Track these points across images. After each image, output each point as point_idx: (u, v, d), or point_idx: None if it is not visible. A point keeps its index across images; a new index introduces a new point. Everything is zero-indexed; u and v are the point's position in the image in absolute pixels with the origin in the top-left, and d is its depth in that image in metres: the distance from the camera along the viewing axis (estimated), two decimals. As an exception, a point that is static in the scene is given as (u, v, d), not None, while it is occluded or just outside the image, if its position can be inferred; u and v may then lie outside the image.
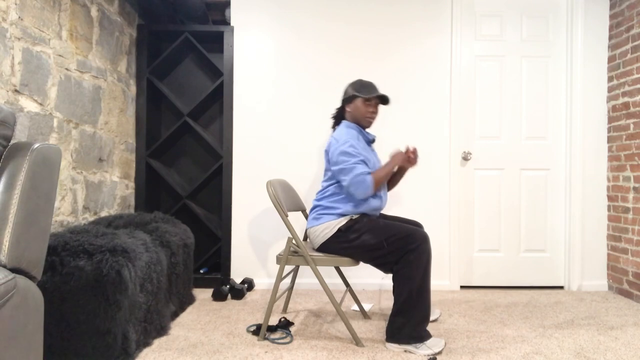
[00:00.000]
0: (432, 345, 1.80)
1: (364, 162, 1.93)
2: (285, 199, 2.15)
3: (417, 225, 2.17)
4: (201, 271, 2.93)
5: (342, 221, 1.94)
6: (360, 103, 2.02)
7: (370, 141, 2.10)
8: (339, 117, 2.15)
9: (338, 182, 1.99)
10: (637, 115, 2.64)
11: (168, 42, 3.09)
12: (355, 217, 1.96)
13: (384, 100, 2.07)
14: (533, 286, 2.96)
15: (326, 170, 2.05)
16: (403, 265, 1.82)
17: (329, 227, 1.95)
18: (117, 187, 2.65)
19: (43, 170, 1.19)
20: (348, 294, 2.76)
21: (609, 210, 2.89)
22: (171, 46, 2.85)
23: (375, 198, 2.00)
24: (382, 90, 2.89)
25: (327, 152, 2.02)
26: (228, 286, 2.63)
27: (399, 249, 1.83)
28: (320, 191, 2.06)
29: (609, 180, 2.89)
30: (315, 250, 2.03)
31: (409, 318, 1.80)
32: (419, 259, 1.81)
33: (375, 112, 2.05)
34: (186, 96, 3.08)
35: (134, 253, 1.72)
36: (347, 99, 2.06)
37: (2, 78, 1.67)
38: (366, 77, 2.89)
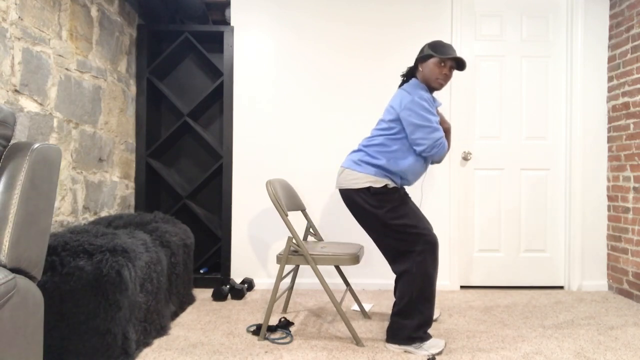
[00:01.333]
0: (432, 347, 1.80)
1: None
2: (285, 199, 2.15)
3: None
4: (201, 271, 2.93)
5: (377, 182, 1.87)
6: (434, 63, 1.89)
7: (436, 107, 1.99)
8: (409, 75, 2.03)
9: (392, 134, 1.89)
10: (637, 115, 2.64)
11: (168, 42, 3.09)
12: (391, 186, 1.89)
13: (460, 65, 1.92)
14: (533, 286, 2.96)
15: (381, 120, 1.96)
16: (409, 267, 1.80)
17: (362, 179, 1.88)
18: (117, 187, 2.65)
19: (43, 170, 1.19)
20: (348, 293, 2.76)
21: (609, 210, 2.89)
22: (171, 46, 2.85)
23: (424, 163, 1.94)
24: (382, 88, 2.89)
25: (394, 103, 1.90)
26: (228, 286, 2.63)
27: (409, 243, 1.81)
28: (368, 138, 1.96)
29: (609, 180, 2.89)
30: (339, 191, 1.96)
31: (411, 320, 1.80)
32: (425, 263, 1.79)
33: (448, 76, 1.93)
34: (186, 96, 3.08)
35: (134, 253, 1.72)
36: (422, 58, 1.92)
37: (2, 78, 1.67)
38: (366, 77, 2.89)
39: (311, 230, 2.42)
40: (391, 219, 1.83)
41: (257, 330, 2.02)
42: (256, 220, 2.89)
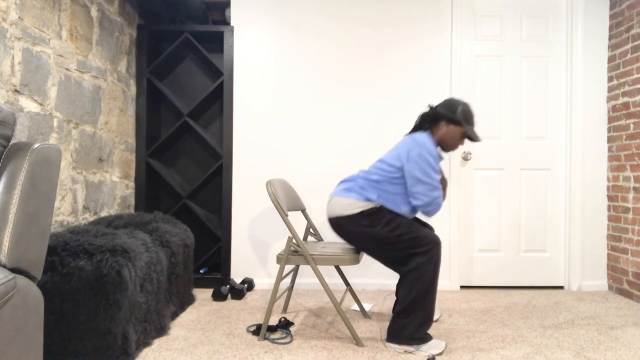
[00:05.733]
0: (432, 347, 1.80)
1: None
2: (285, 199, 2.15)
3: (430, 228, 2.15)
4: (201, 271, 2.93)
5: (367, 206, 1.89)
6: (461, 133, 1.94)
7: None
8: (425, 121, 2.01)
9: (391, 178, 1.89)
10: (637, 115, 2.64)
11: (168, 42, 3.09)
12: (379, 206, 1.91)
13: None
14: (533, 286, 2.96)
15: (382, 160, 1.95)
16: (412, 267, 1.81)
17: (353, 204, 1.90)
18: (117, 187, 2.65)
19: (43, 170, 1.19)
20: (348, 293, 2.76)
21: (609, 210, 2.89)
22: (171, 46, 2.85)
23: (412, 212, 1.96)
24: (382, 88, 2.89)
25: (401, 151, 1.89)
26: (228, 286, 2.63)
27: (410, 248, 1.82)
28: (365, 171, 1.97)
29: (609, 180, 2.89)
30: (328, 221, 1.99)
31: (412, 320, 1.80)
32: (428, 263, 1.80)
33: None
34: (186, 96, 3.08)
35: (134, 253, 1.72)
36: (450, 120, 1.93)
37: (2, 78, 1.67)
38: (366, 77, 2.89)
39: (311, 230, 2.42)
40: (388, 233, 1.84)
41: (257, 330, 2.02)
42: (256, 220, 2.89)
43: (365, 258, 2.89)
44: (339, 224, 1.94)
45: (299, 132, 2.89)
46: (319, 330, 2.08)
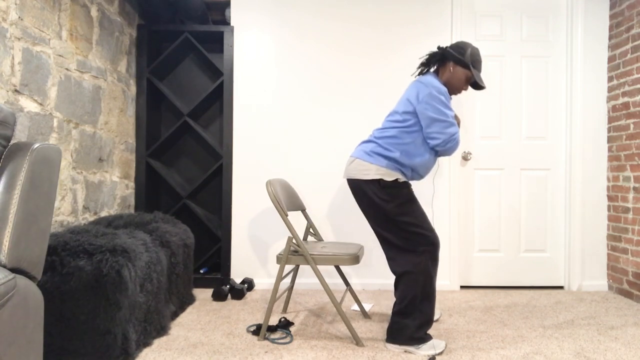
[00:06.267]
0: (432, 347, 1.80)
1: None
2: (285, 199, 2.15)
3: None
4: (201, 271, 2.93)
5: (388, 175, 1.85)
6: (467, 76, 1.91)
7: None
8: (431, 63, 1.97)
9: (405, 127, 1.86)
10: (637, 115, 2.64)
11: (168, 42, 3.09)
12: (402, 180, 1.87)
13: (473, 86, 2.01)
14: (533, 286, 2.96)
15: (394, 112, 1.91)
16: (408, 269, 1.80)
17: (373, 170, 1.85)
18: (117, 187, 2.65)
19: (43, 170, 1.19)
20: (348, 293, 2.76)
21: (609, 210, 2.89)
22: (171, 46, 2.85)
23: (435, 157, 1.93)
24: (383, 88, 2.89)
25: (410, 95, 1.86)
26: (228, 286, 2.63)
27: (410, 242, 1.81)
28: (380, 129, 1.92)
29: (609, 180, 2.89)
30: (347, 181, 1.96)
31: (412, 320, 1.80)
32: (424, 264, 1.79)
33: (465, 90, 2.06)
34: (186, 96, 3.08)
35: (134, 253, 1.72)
36: (459, 61, 1.90)
37: (2, 78, 1.67)
38: (366, 77, 2.89)
39: (311, 230, 2.42)
40: (397, 215, 1.82)
41: (257, 330, 2.02)
42: (256, 220, 2.89)
43: (365, 258, 2.89)
44: (357, 186, 1.90)
45: (299, 132, 2.89)
46: (319, 330, 2.08)
